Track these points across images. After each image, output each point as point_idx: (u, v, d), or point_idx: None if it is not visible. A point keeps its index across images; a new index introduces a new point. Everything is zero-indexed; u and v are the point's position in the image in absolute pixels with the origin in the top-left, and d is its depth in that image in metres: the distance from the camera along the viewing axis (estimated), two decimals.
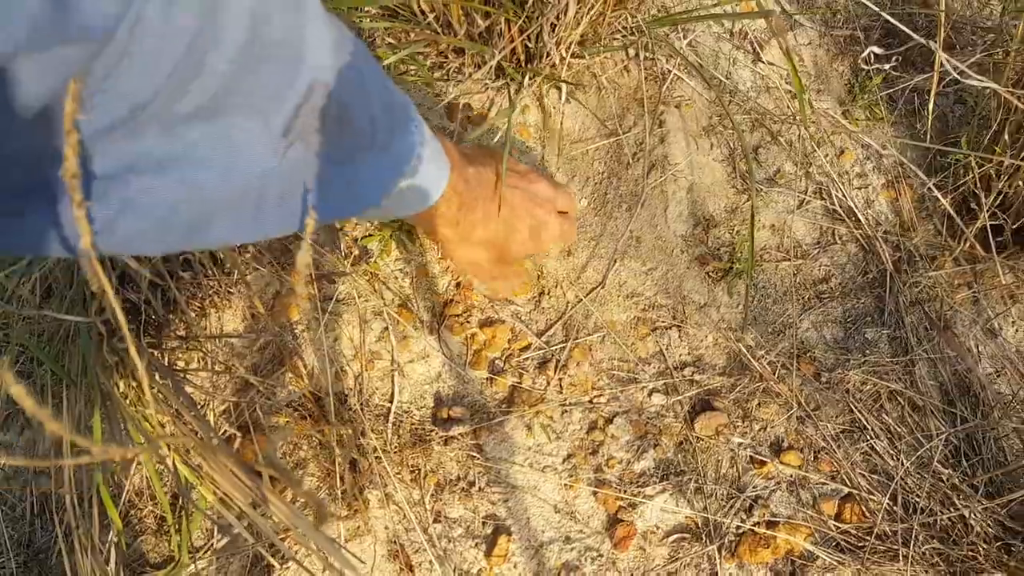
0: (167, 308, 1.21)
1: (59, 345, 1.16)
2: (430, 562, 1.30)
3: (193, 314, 1.28)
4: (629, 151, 1.45)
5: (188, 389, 1.30)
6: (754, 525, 1.35)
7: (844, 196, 1.52)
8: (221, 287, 1.27)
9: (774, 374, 1.40)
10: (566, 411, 1.37)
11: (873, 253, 1.50)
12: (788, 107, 1.51)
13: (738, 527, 1.35)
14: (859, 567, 1.32)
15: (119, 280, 1.13)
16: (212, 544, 1.26)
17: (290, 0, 0.47)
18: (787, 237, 1.50)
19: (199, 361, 1.31)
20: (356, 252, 1.34)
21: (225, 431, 1.28)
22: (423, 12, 1.27)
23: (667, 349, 1.41)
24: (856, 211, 1.51)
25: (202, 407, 1.30)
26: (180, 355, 1.30)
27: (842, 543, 1.36)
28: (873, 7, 1.23)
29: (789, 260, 1.49)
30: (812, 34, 1.62)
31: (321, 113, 0.54)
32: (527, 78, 1.33)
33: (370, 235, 1.36)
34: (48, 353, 1.16)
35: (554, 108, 1.42)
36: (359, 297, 1.35)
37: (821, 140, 1.51)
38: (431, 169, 0.76)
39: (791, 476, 1.38)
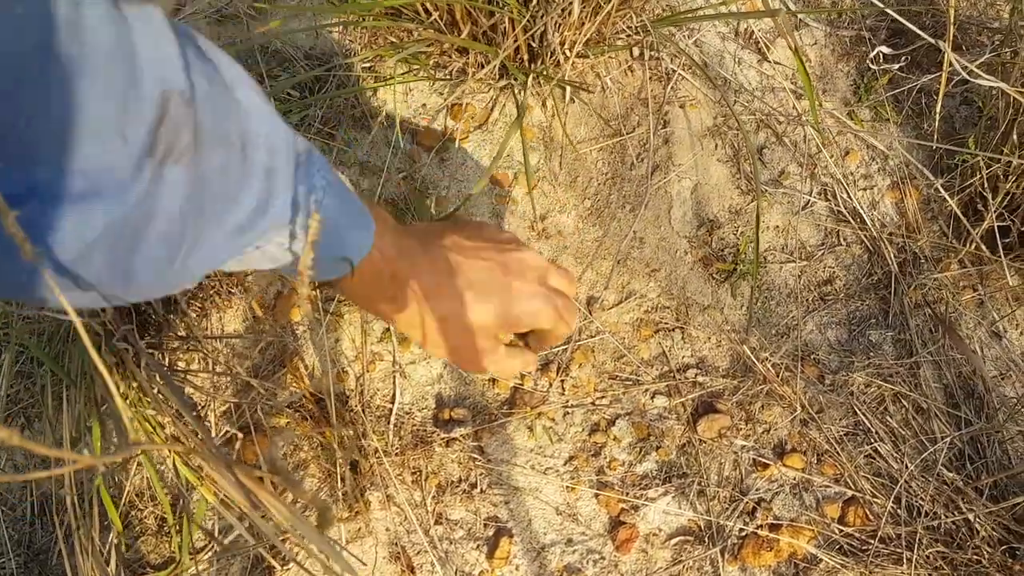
0: (167, 308, 1.20)
1: (59, 345, 1.16)
2: (432, 564, 1.29)
3: (194, 314, 1.28)
4: (633, 151, 1.44)
5: (188, 390, 1.30)
6: (757, 528, 1.34)
7: (849, 197, 1.51)
8: (222, 287, 1.26)
9: (778, 376, 1.39)
10: (568, 413, 1.37)
11: (878, 255, 1.49)
12: (794, 107, 1.50)
13: (741, 530, 1.35)
14: (863, 570, 1.32)
15: None
16: (213, 546, 1.26)
17: (112, 12, 0.45)
18: (792, 238, 1.49)
19: (200, 362, 1.30)
20: None
21: (226, 432, 1.28)
22: (427, 11, 1.26)
23: (670, 351, 1.41)
24: (861, 213, 1.50)
25: (203, 407, 1.30)
26: (181, 355, 1.29)
27: (845, 546, 1.35)
28: (880, 4, 1.21)
29: (794, 262, 1.48)
30: (818, 34, 1.60)
31: (191, 132, 0.50)
32: (531, 78, 1.32)
33: None
34: (48, 353, 1.15)
35: (557, 108, 1.41)
36: None
37: (826, 141, 1.50)
38: (346, 225, 0.68)
39: (794, 479, 1.38)
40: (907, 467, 1.36)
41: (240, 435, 1.29)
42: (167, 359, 1.28)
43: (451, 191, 1.39)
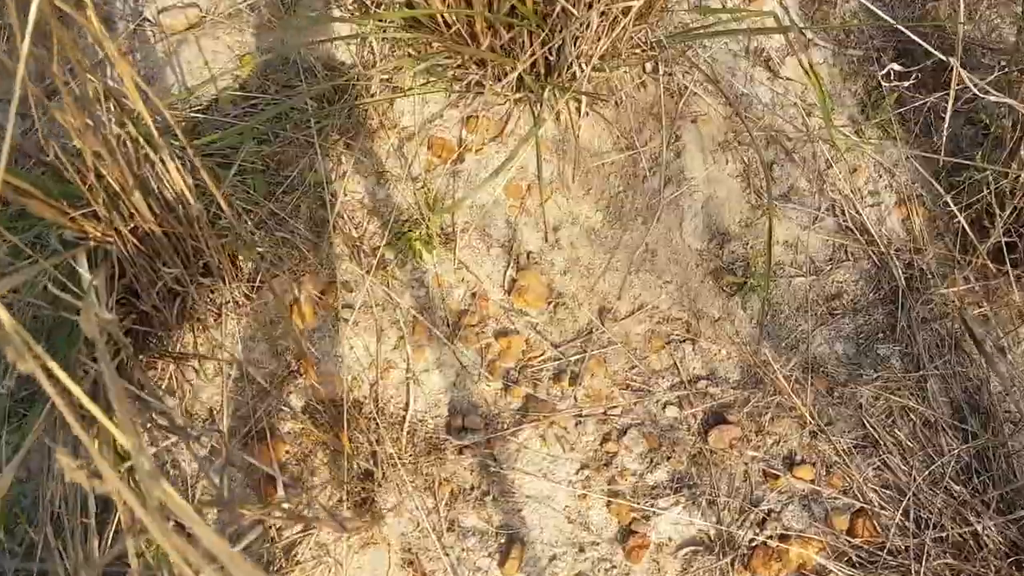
0: (182, 314, 1.21)
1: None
2: (444, 571, 1.30)
3: (212, 319, 1.29)
4: (645, 165, 1.46)
5: (202, 397, 1.31)
6: (767, 539, 1.35)
7: (857, 213, 1.53)
8: (240, 294, 1.27)
9: (788, 387, 1.40)
10: (580, 422, 1.38)
11: (885, 270, 1.51)
12: (803, 124, 1.53)
13: (751, 540, 1.36)
14: None
15: (126, 291, 1.14)
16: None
17: None
18: (801, 253, 1.51)
19: (215, 368, 1.31)
20: (374, 261, 1.35)
21: (243, 434, 1.28)
22: (447, 24, 1.28)
23: (681, 362, 1.42)
24: (869, 228, 1.52)
25: (217, 412, 1.30)
26: (192, 362, 1.30)
27: (854, 558, 1.36)
28: (889, 19, 1.24)
29: (803, 276, 1.50)
30: (826, 53, 1.64)
31: None
32: (547, 91, 1.34)
33: (388, 244, 1.36)
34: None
35: (572, 121, 1.44)
36: (375, 306, 1.36)
37: (835, 157, 1.53)
38: None
39: (804, 490, 1.39)
40: (915, 480, 1.38)
41: (255, 439, 1.30)
42: (169, 372, 1.29)
43: (465, 201, 1.40)
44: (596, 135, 1.47)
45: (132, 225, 1.09)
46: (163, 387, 1.29)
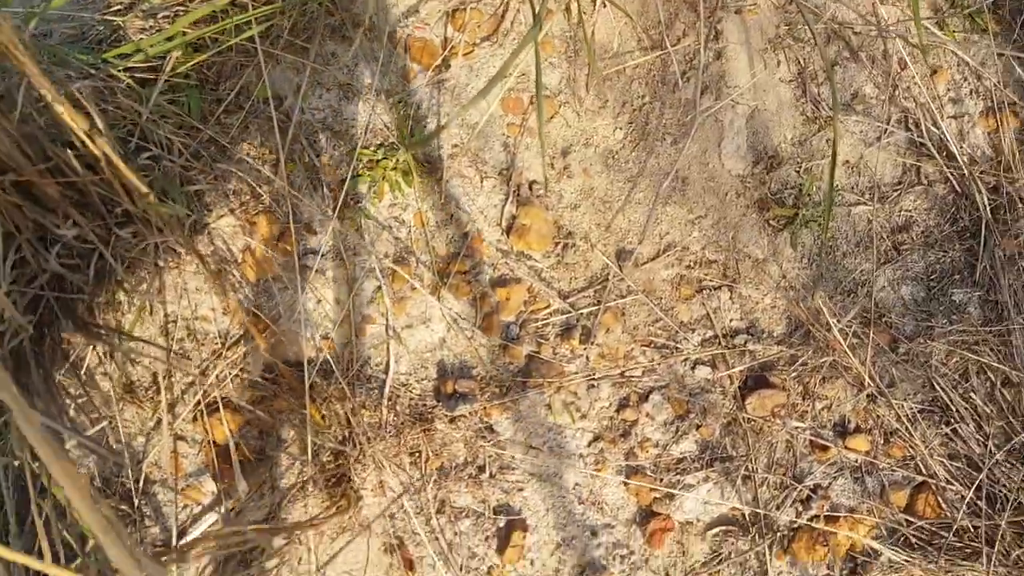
0: (104, 272, 0.98)
1: None
2: (433, 558, 1.12)
3: (145, 273, 1.06)
4: (677, 69, 1.18)
5: (145, 361, 1.10)
6: (811, 519, 1.16)
7: (935, 126, 1.25)
8: (179, 243, 1.04)
9: (844, 343, 1.17)
10: (593, 386, 1.16)
11: (965, 197, 1.25)
12: (873, 14, 1.23)
13: (792, 521, 1.16)
14: (931, 567, 1.14)
15: (41, 242, 0.90)
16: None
17: None
18: (864, 175, 1.24)
19: (159, 327, 1.09)
20: (341, 196, 1.10)
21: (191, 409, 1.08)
22: None
23: (715, 313, 1.18)
24: (948, 145, 1.24)
25: (165, 377, 1.10)
26: (124, 319, 1.08)
27: (912, 539, 1.17)
28: None
29: (865, 203, 1.24)
30: None
31: None
32: None
33: (359, 175, 1.11)
34: None
35: (585, 14, 1.15)
36: (346, 251, 1.12)
37: (913, 56, 1.23)
38: None
39: (856, 461, 1.18)
40: (991, 451, 1.16)
41: (205, 412, 1.10)
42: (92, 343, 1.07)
43: (453, 119, 1.14)
44: (616, 31, 1.18)
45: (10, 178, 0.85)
46: (93, 354, 1.07)
